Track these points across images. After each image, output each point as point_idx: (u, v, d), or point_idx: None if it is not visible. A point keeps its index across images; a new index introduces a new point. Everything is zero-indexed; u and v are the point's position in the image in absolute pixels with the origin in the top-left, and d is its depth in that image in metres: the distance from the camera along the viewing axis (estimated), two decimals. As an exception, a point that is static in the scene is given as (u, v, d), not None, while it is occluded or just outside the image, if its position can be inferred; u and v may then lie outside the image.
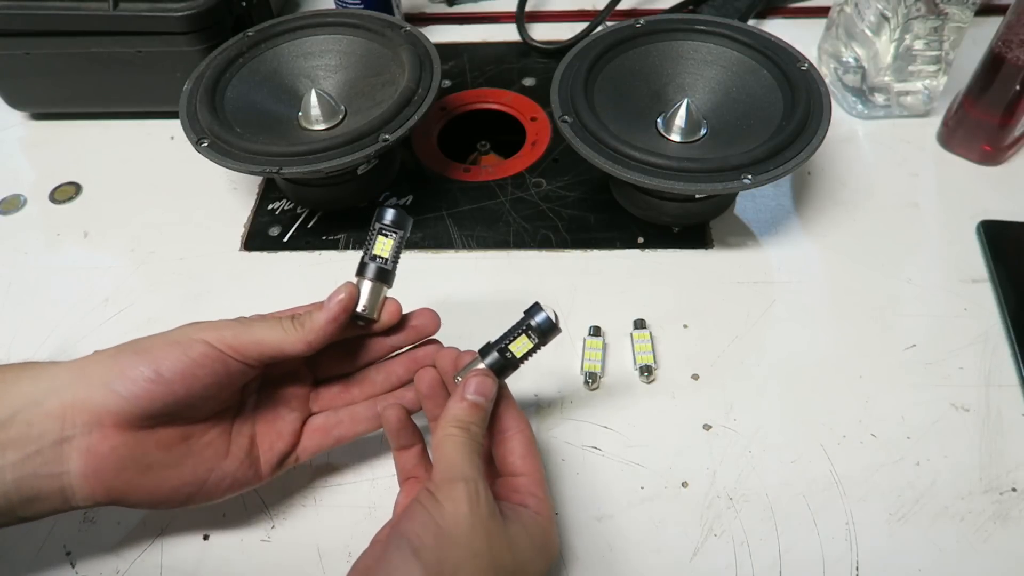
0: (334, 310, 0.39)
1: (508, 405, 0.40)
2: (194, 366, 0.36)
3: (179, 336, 0.37)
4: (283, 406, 0.42)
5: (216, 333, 0.37)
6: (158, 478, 0.38)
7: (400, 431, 0.40)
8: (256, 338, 0.38)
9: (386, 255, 0.41)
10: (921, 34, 0.59)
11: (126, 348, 0.37)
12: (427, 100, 0.54)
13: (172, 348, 0.36)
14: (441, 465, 0.35)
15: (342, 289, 0.39)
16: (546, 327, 0.39)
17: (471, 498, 0.34)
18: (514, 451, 0.39)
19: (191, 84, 0.57)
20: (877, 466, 0.45)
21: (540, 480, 0.38)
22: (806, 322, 0.52)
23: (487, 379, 0.38)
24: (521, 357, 0.39)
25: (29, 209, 0.63)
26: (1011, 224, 0.56)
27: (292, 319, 0.39)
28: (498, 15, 0.77)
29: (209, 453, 0.39)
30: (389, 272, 0.41)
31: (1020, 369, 0.48)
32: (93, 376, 0.36)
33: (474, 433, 0.36)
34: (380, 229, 0.41)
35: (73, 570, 0.42)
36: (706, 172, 0.49)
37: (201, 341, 0.37)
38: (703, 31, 0.57)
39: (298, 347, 0.38)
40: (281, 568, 0.42)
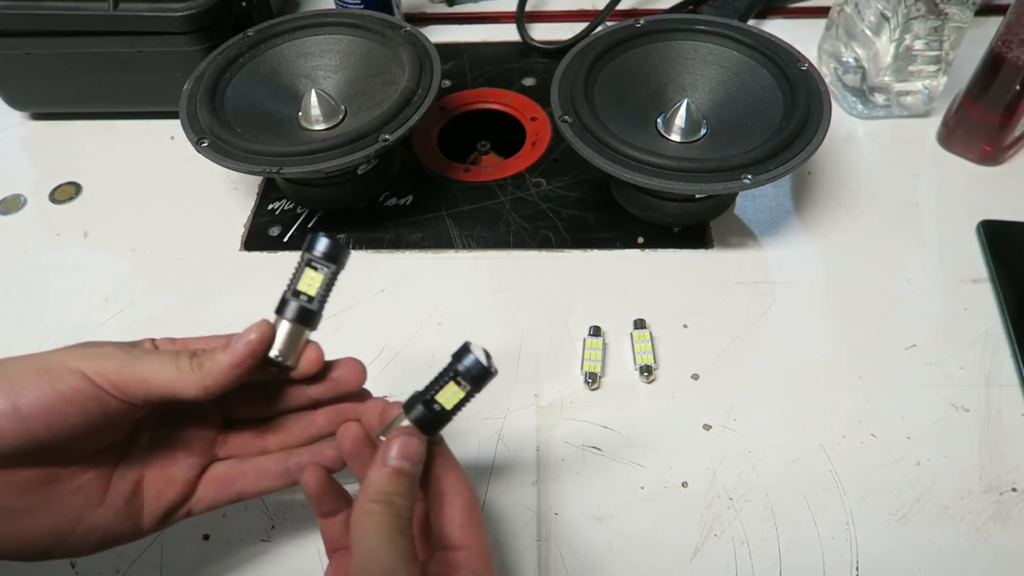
0: (240, 352, 0.33)
1: (445, 463, 0.34)
2: (61, 402, 0.31)
3: (52, 362, 0.31)
4: (181, 449, 0.36)
5: (95, 364, 0.31)
6: (8, 527, 0.32)
7: (321, 496, 0.35)
8: (143, 375, 0.32)
9: (312, 293, 0.34)
10: (921, 34, 0.59)
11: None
12: (427, 100, 0.54)
13: (37, 378, 0.31)
14: (358, 552, 0.30)
15: (253, 329, 0.33)
16: (477, 372, 0.33)
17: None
18: (453, 519, 0.33)
19: (191, 84, 0.57)
20: (877, 466, 0.45)
21: (483, 554, 0.33)
22: (806, 322, 0.52)
23: (411, 439, 0.32)
24: (452, 409, 0.33)
25: (29, 209, 0.63)
26: (1011, 224, 0.56)
27: (191, 356, 0.33)
28: (498, 15, 0.77)
29: (77, 500, 0.33)
30: (314, 313, 0.35)
31: (1020, 369, 0.48)
32: None
33: (398, 506, 0.31)
34: (309, 260, 0.34)
35: (73, 570, 0.42)
36: (706, 172, 0.49)
37: (76, 372, 0.31)
38: (703, 31, 0.57)
39: (192, 391, 0.32)
40: (281, 568, 0.42)
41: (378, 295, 0.55)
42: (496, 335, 0.51)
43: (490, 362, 0.33)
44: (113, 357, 0.32)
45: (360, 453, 0.35)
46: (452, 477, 0.34)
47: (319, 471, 0.35)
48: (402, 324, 0.52)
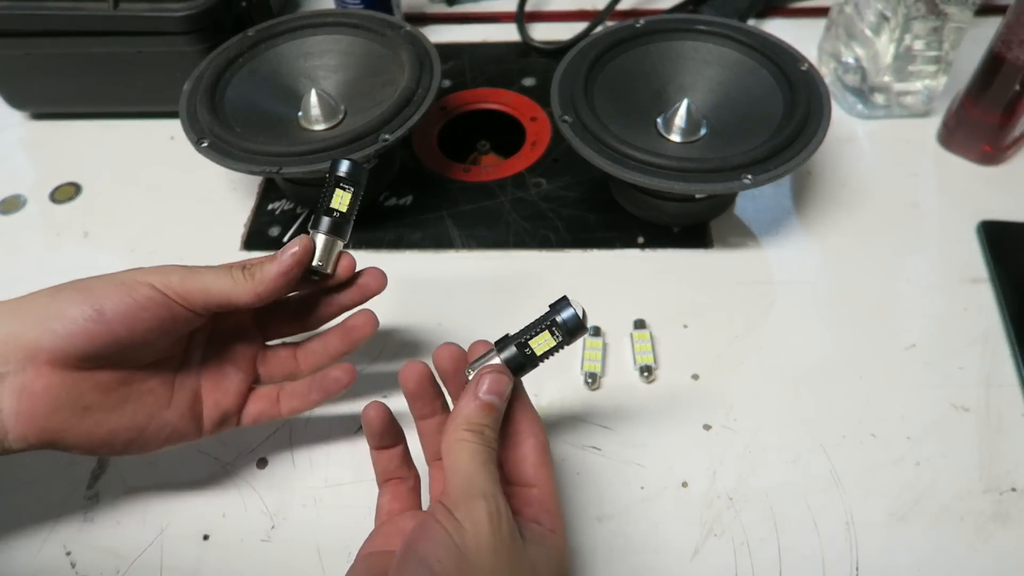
0: (287, 263, 0.38)
1: (523, 406, 0.37)
2: (138, 308, 0.35)
3: (124, 278, 0.36)
4: (230, 364, 0.42)
5: (162, 277, 0.36)
6: (94, 421, 0.36)
7: (383, 433, 0.38)
8: (203, 285, 0.37)
9: (343, 209, 0.40)
10: (921, 34, 0.59)
11: (67, 286, 0.36)
12: (427, 100, 0.54)
13: (116, 288, 0.35)
14: (456, 477, 0.32)
15: (296, 242, 0.38)
16: (573, 325, 0.35)
17: (492, 518, 0.31)
18: (527, 458, 0.36)
19: (191, 84, 0.57)
20: (877, 466, 0.45)
21: (553, 493, 0.35)
22: (806, 322, 0.52)
23: (502, 376, 0.35)
24: (542, 355, 0.36)
25: (29, 209, 0.63)
26: (1011, 224, 0.56)
27: (243, 269, 0.38)
28: (498, 15, 0.77)
29: (150, 400, 0.38)
30: (345, 226, 0.40)
31: (1020, 369, 0.48)
32: (28, 313, 0.35)
33: (488, 438, 0.33)
34: (337, 182, 0.40)
35: (73, 570, 0.42)
36: (706, 172, 0.49)
37: (146, 284, 0.36)
38: (703, 31, 0.57)
39: (246, 297, 0.37)
40: (281, 568, 0.42)
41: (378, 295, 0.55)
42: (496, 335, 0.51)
43: (585, 318, 0.35)
44: (176, 272, 0.37)
45: (424, 392, 0.38)
46: (528, 419, 0.36)
47: (381, 409, 0.37)
48: (402, 324, 0.52)
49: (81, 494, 0.45)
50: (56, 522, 0.44)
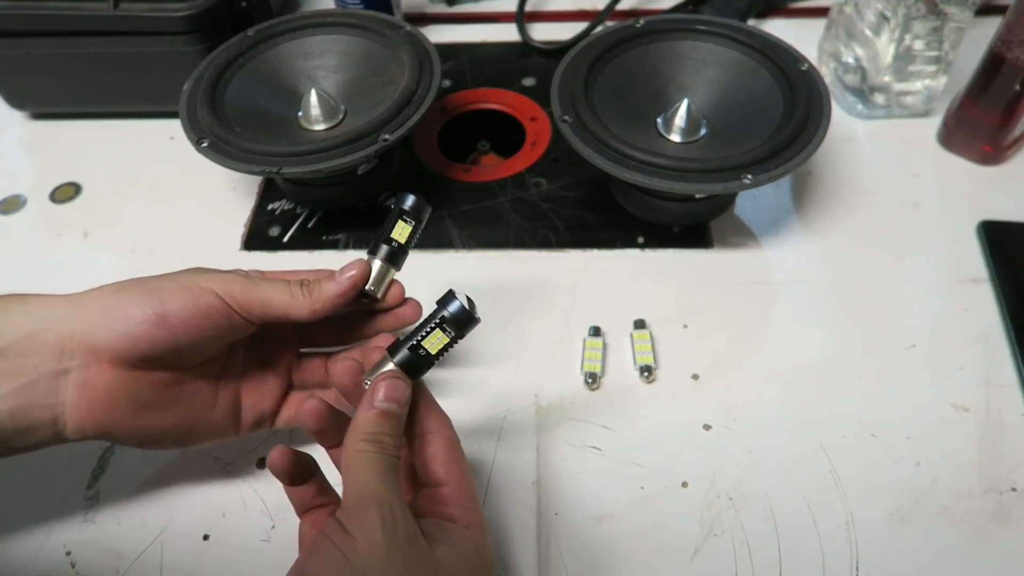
0: (344, 285, 0.39)
1: (426, 405, 0.36)
2: (200, 316, 0.36)
3: (189, 282, 0.37)
4: (269, 370, 0.43)
5: (225, 286, 0.37)
6: (149, 417, 0.38)
7: (291, 474, 0.37)
8: (264, 298, 0.38)
9: (402, 240, 0.42)
10: (921, 34, 0.59)
11: (131, 285, 0.37)
12: (427, 100, 0.54)
13: (181, 294, 0.36)
14: (352, 488, 0.32)
15: (355, 265, 0.40)
16: (462, 318, 0.35)
17: (385, 524, 0.30)
18: (435, 457, 0.35)
19: (191, 84, 0.57)
20: (877, 466, 0.45)
21: (466, 488, 0.35)
22: (806, 322, 0.52)
23: (398, 382, 0.34)
24: (436, 353, 0.36)
25: (29, 209, 0.63)
26: (1011, 224, 0.56)
27: (301, 285, 0.39)
28: (498, 15, 0.77)
29: (198, 400, 0.40)
30: (401, 256, 0.42)
31: (1020, 369, 0.48)
32: (94, 311, 0.36)
33: (386, 445, 0.33)
34: (401, 214, 0.41)
35: (73, 570, 0.42)
36: (706, 172, 0.49)
37: (211, 292, 0.37)
38: (703, 31, 0.57)
39: (303, 313, 0.39)
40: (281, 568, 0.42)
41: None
42: (496, 335, 0.51)
43: (473, 308, 0.35)
44: (238, 282, 0.38)
45: (352, 386, 0.37)
46: (433, 418, 0.36)
47: (284, 452, 0.36)
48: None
49: (81, 494, 0.45)
50: (56, 522, 0.44)
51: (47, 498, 0.45)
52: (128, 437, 0.38)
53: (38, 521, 0.44)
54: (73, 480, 0.46)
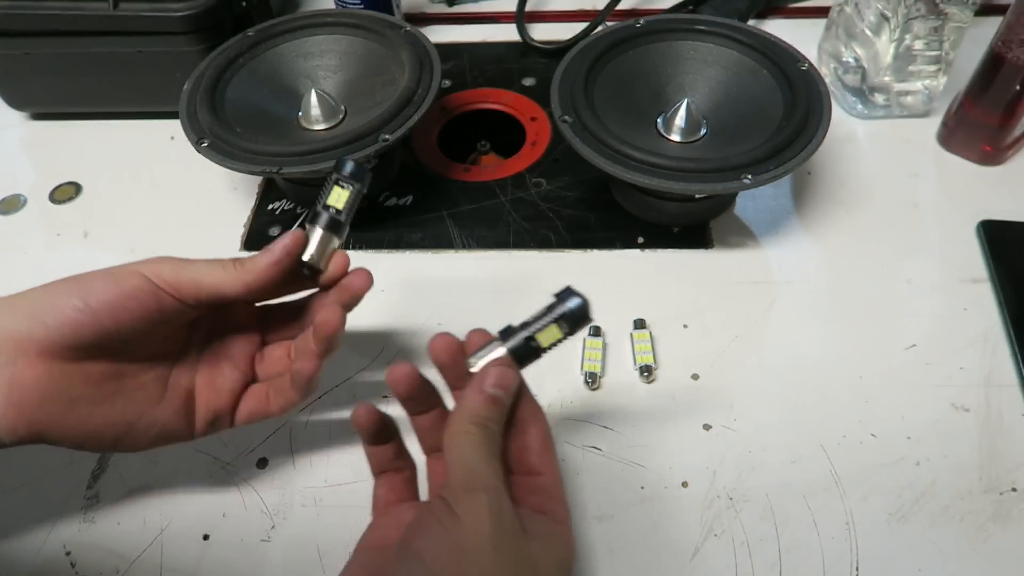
0: (277, 253, 0.38)
1: (525, 395, 0.36)
2: (125, 298, 0.35)
3: (116, 269, 0.36)
4: (227, 362, 0.41)
5: (154, 267, 0.36)
6: (83, 414, 0.36)
7: (375, 432, 0.37)
8: (194, 276, 0.37)
9: (340, 206, 0.40)
10: (921, 34, 0.59)
11: (61, 280, 0.36)
12: (427, 100, 0.54)
13: (104, 279, 0.36)
14: (459, 470, 0.32)
15: (288, 235, 0.39)
16: (579, 315, 0.35)
17: (493, 512, 0.30)
18: (530, 446, 0.35)
19: (191, 84, 0.57)
20: (877, 466, 0.45)
21: (558, 481, 0.34)
22: (806, 322, 0.52)
23: (508, 371, 0.34)
24: (547, 347, 0.35)
25: (29, 209, 0.63)
26: (1011, 224, 0.56)
27: (234, 261, 0.38)
28: (498, 15, 0.77)
29: (140, 396, 0.38)
30: (341, 224, 0.40)
31: (1020, 369, 0.48)
32: (19, 307, 0.35)
33: (493, 431, 0.33)
34: (337, 179, 0.40)
35: (73, 570, 0.42)
36: (706, 172, 0.49)
37: (136, 273, 0.36)
38: (703, 31, 0.57)
39: (236, 287, 0.37)
40: (281, 568, 0.42)
41: (378, 295, 0.55)
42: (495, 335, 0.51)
43: (589, 307, 0.35)
44: (168, 263, 0.37)
45: (452, 362, 0.36)
46: (530, 408, 0.35)
47: (370, 411, 0.36)
48: (402, 324, 0.52)
49: (81, 494, 0.45)
50: (56, 522, 0.44)
51: (47, 498, 0.45)
52: (62, 437, 0.36)
53: (38, 521, 0.44)
54: (73, 480, 0.46)
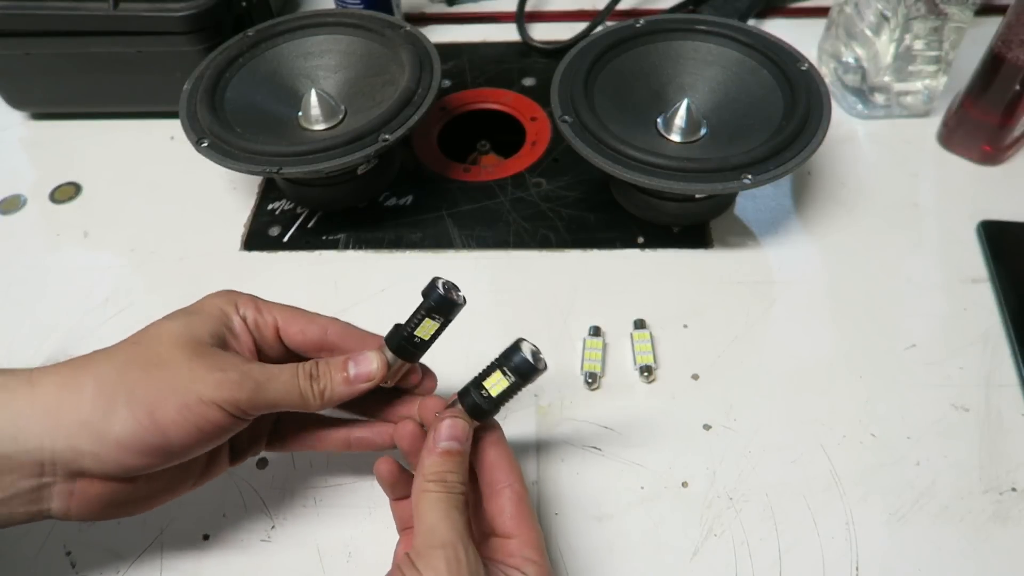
0: (359, 389, 0.37)
1: (498, 453, 0.37)
2: (200, 435, 0.34)
3: (187, 396, 0.33)
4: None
5: (229, 395, 0.33)
6: (143, 504, 0.37)
7: (396, 485, 0.38)
8: (270, 401, 0.35)
9: (425, 338, 0.37)
10: (921, 34, 0.59)
11: (118, 393, 0.33)
12: (427, 100, 0.54)
13: (181, 415, 0.33)
14: (420, 528, 0.33)
15: (374, 371, 0.37)
16: (524, 369, 0.35)
17: (451, 567, 0.31)
18: (503, 510, 0.35)
19: (191, 84, 0.57)
20: (877, 466, 0.45)
21: (535, 542, 0.35)
22: (806, 322, 0.52)
23: (457, 420, 0.35)
24: (499, 397, 0.36)
25: (29, 209, 0.63)
26: (1011, 224, 0.56)
27: (311, 379, 0.36)
28: (498, 15, 0.77)
29: (194, 468, 0.38)
30: (421, 352, 0.38)
31: (1020, 369, 0.48)
32: (75, 430, 0.32)
33: (451, 483, 0.34)
34: (430, 310, 0.37)
35: (73, 570, 0.42)
36: (706, 172, 0.49)
37: (213, 406, 0.33)
38: (703, 31, 0.57)
39: (312, 410, 0.37)
40: (281, 568, 0.42)
41: (378, 295, 0.55)
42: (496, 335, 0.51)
43: (538, 359, 0.35)
44: (243, 387, 0.34)
45: (417, 450, 0.37)
46: (503, 468, 0.36)
47: (391, 462, 0.38)
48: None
49: (81, 494, 0.45)
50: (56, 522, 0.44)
51: (47, 498, 0.45)
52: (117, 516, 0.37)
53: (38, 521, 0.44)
54: (73, 480, 0.46)
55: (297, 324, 0.38)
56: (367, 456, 0.46)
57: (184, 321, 0.35)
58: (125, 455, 0.33)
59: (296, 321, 0.38)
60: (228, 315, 0.37)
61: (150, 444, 0.33)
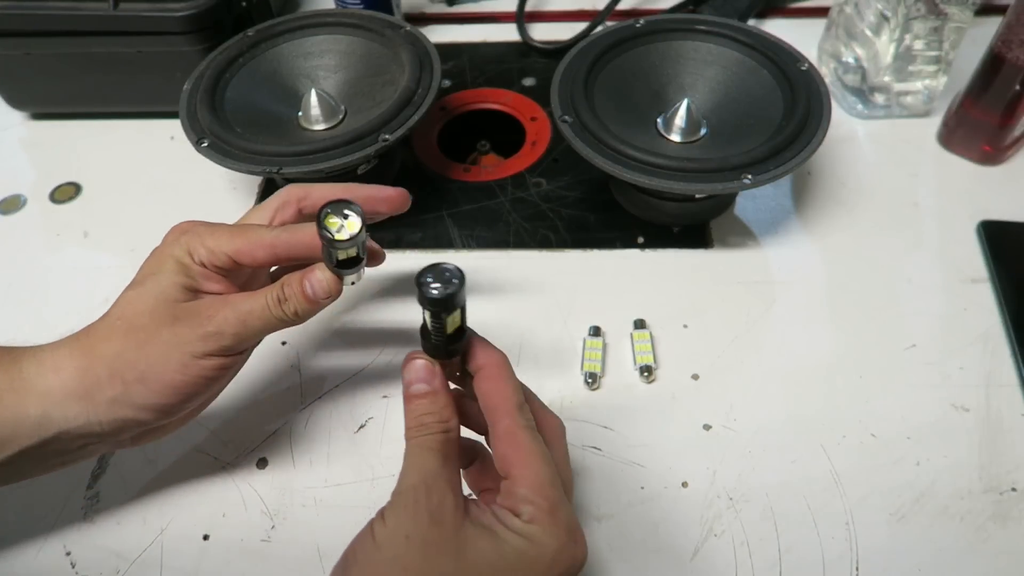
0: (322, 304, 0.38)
1: (489, 388, 0.34)
2: (211, 380, 0.38)
3: (178, 355, 0.36)
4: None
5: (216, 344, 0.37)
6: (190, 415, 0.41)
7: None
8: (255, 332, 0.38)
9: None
10: (921, 34, 0.59)
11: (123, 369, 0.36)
12: (427, 100, 0.54)
13: (182, 373, 0.36)
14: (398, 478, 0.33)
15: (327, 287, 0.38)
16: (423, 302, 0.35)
17: (407, 506, 0.30)
18: (496, 450, 0.33)
19: (191, 84, 0.57)
20: (877, 466, 0.45)
21: (530, 481, 0.31)
22: (806, 322, 0.52)
23: (415, 362, 0.35)
24: (432, 329, 0.34)
25: (29, 209, 0.63)
26: (1011, 224, 0.56)
27: (280, 304, 0.38)
28: (498, 15, 0.77)
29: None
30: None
31: (1020, 369, 0.48)
32: (105, 404, 0.36)
33: (429, 424, 0.33)
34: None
35: (73, 570, 0.42)
36: (706, 172, 0.49)
37: (207, 357, 0.37)
38: (703, 31, 0.57)
39: (291, 325, 0.39)
40: (281, 568, 0.42)
41: (378, 295, 0.55)
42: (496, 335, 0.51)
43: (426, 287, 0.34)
44: (225, 333, 0.37)
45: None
46: (494, 405, 0.34)
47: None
48: (402, 324, 0.52)
49: (81, 494, 0.45)
50: (56, 522, 0.44)
51: (47, 498, 0.45)
52: None
53: (38, 521, 0.44)
54: (73, 480, 0.46)
55: (246, 251, 0.38)
56: (367, 456, 0.46)
57: (152, 287, 0.37)
58: (156, 413, 0.37)
59: (245, 248, 0.38)
60: (186, 265, 0.38)
61: (172, 400, 0.37)
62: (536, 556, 0.30)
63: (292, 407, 0.49)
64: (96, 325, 0.38)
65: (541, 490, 0.31)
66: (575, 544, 0.31)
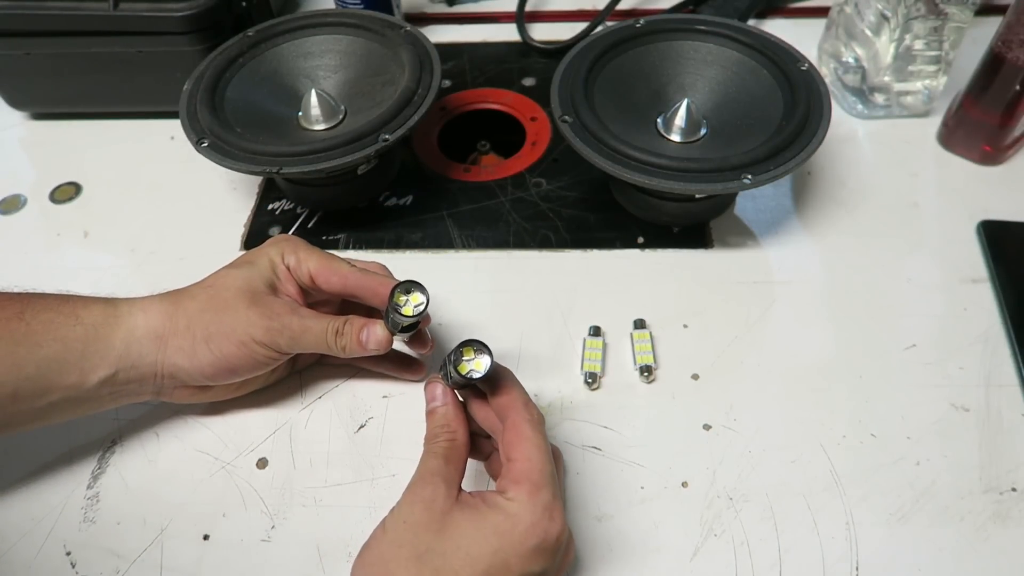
0: (369, 351, 0.44)
1: (507, 390, 0.39)
2: (256, 364, 0.44)
3: (242, 333, 0.42)
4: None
5: (272, 340, 0.43)
6: (223, 393, 0.47)
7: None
8: (304, 346, 0.44)
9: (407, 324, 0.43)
10: (921, 34, 0.59)
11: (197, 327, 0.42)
12: (427, 100, 0.54)
13: (238, 348, 0.42)
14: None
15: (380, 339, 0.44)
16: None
17: (407, 498, 0.36)
18: (506, 434, 0.37)
19: (191, 84, 0.57)
20: (877, 466, 0.45)
21: (518, 474, 0.35)
22: (806, 322, 0.52)
23: (430, 385, 0.41)
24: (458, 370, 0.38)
25: (29, 209, 0.63)
26: (1011, 224, 0.56)
27: (336, 335, 0.44)
28: (498, 15, 0.77)
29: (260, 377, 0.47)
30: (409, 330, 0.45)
31: (1020, 369, 0.48)
32: (174, 351, 0.43)
33: (438, 435, 0.39)
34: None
35: (73, 570, 0.42)
36: (706, 172, 0.49)
37: (261, 345, 0.43)
38: (703, 31, 0.57)
39: (334, 355, 0.45)
40: (281, 568, 0.42)
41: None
42: (496, 335, 0.51)
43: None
44: (283, 334, 0.43)
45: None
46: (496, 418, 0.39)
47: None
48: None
49: (81, 494, 0.45)
50: (56, 522, 0.44)
51: (47, 498, 0.45)
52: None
53: (38, 521, 0.44)
54: (73, 480, 0.46)
55: (325, 274, 0.45)
56: (367, 456, 0.46)
57: (245, 271, 0.44)
58: (206, 375, 0.43)
59: (324, 271, 0.45)
60: (276, 265, 0.45)
61: (221, 368, 0.43)
62: (510, 528, 0.34)
63: (292, 407, 0.49)
64: (189, 287, 0.45)
65: (529, 473, 0.35)
66: (551, 520, 0.35)
